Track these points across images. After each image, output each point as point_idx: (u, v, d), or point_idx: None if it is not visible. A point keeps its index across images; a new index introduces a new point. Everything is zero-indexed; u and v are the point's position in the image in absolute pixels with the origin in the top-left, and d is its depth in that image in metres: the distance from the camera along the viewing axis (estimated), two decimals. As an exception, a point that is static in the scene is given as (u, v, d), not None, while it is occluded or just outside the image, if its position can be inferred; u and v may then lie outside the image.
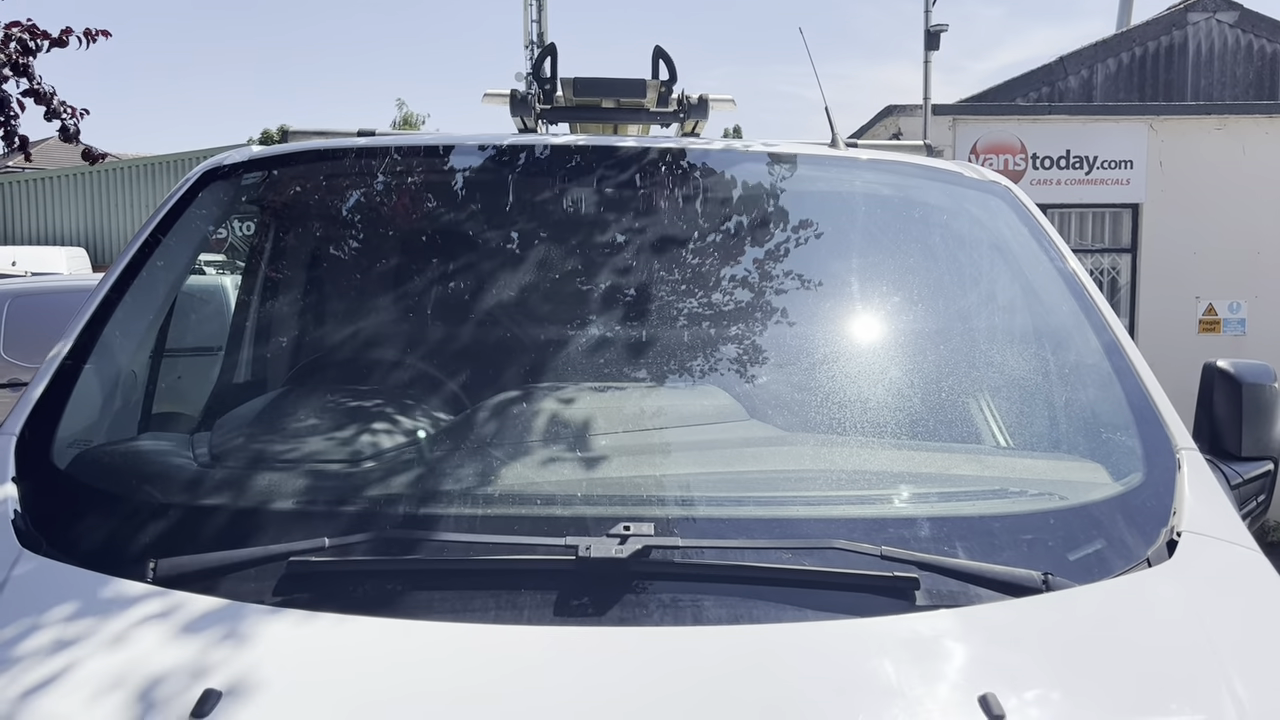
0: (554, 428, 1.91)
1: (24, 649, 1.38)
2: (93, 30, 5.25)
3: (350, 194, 2.62)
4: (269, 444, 1.92)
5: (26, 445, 1.83)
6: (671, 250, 2.39)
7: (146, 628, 1.42)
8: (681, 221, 2.47)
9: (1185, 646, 1.52)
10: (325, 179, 2.61)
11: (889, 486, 1.85)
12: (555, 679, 1.36)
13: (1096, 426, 2.08)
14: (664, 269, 2.34)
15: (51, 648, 1.38)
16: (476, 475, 1.79)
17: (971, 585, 1.55)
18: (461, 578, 1.53)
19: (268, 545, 1.55)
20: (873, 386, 2.12)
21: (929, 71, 8.70)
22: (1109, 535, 1.72)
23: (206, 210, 2.46)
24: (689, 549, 1.57)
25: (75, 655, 1.37)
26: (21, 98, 5.14)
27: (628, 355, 2.14)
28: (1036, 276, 2.37)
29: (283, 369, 2.43)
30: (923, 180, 2.63)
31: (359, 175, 2.59)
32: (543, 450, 1.85)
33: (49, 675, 1.34)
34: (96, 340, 2.07)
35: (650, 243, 2.37)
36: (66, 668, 1.35)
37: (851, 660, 1.41)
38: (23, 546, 1.59)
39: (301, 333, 2.52)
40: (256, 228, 2.75)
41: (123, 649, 1.38)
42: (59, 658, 1.36)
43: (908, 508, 1.77)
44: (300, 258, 2.66)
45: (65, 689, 1.32)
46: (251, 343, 2.70)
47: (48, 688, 1.32)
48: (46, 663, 1.36)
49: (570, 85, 3.22)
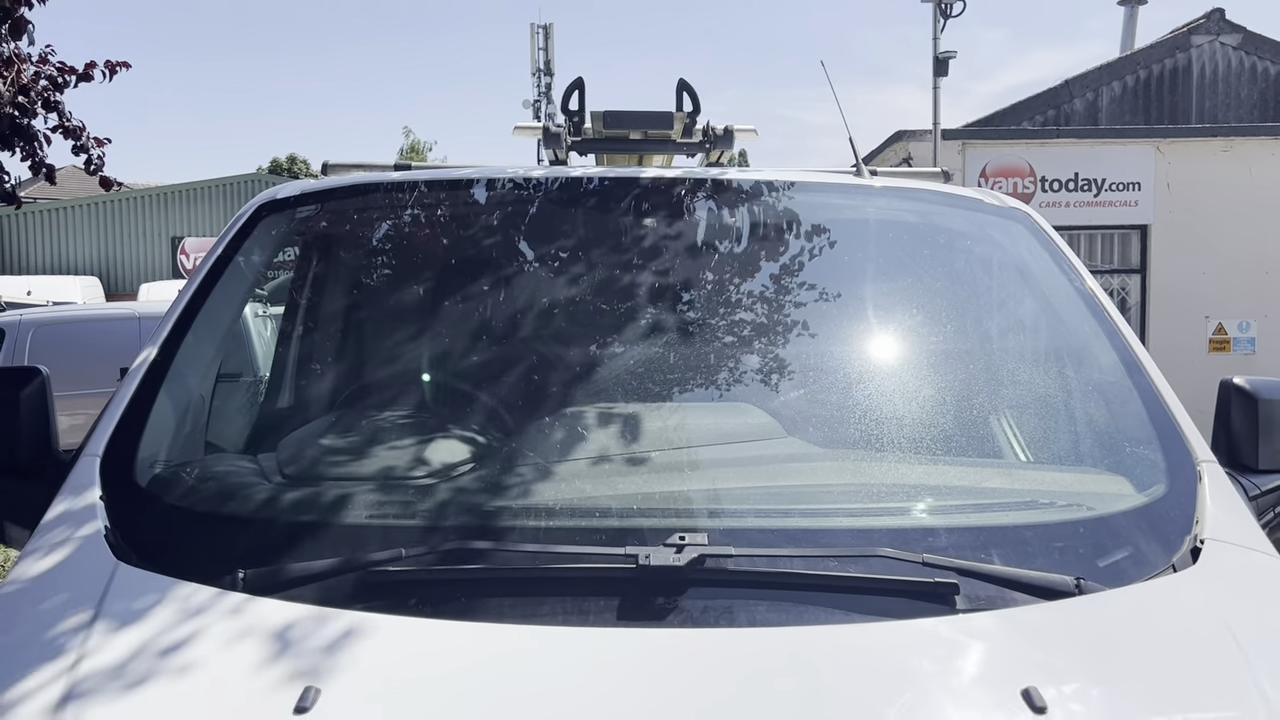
0: (606, 445, 2.02)
1: (133, 650, 1.49)
2: (114, 62, 5.42)
3: (397, 226, 2.74)
4: (337, 462, 2.03)
5: (109, 465, 1.94)
6: (709, 276, 2.51)
7: (241, 631, 1.52)
8: (718, 248, 2.58)
9: (1213, 646, 1.62)
10: (373, 211, 2.74)
11: (926, 499, 1.95)
12: (621, 677, 1.46)
13: (1120, 441, 2.18)
14: (702, 294, 2.45)
15: (158, 649, 1.49)
16: (538, 489, 1.89)
17: (1008, 590, 1.65)
18: (530, 585, 1.63)
19: (347, 556, 1.66)
20: (903, 404, 2.23)
21: (938, 97, 8.85)
22: (1135, 543, 1.82)
23: (262, 241, 2.58)
24: (741, 557, 1.67)
25: (181, 655, 1.47)
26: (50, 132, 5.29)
27: (671, 376, 2.25)
28: (1057, 298, 2.47)
29: (334, 393, 2.54)
30: (946, 207, 2.75)
31: (405, 208, 2.71)
32: (598, 466, 1.96)
33: (159, 673, 1.45)
34: (168, 366, 2.18)
35: (688, 269, 2.49)
36: (174, 667, 1.46)
37: (896, 657, 1.51)
38: (117, 559, 1.70)
39: (354, 358, 2.63)
40: (306, 258, 2.86)
41: (222, 650, 1.49)
42: (167, 658, 1.47)
43: (945, 518, 1.87)
44: (350, 287, 2.78)
45: (176, 686, 1.43)
46: (300, 368, 2.81)
47: (160, 685, 1.43)
48: (156, 662, 1.46)
49: (600, 119, 3.34)
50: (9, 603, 1.65)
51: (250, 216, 2.58)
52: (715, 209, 2.66)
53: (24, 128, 4.77)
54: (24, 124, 4.76)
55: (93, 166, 5.19)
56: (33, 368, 2.22)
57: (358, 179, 2.90)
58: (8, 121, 4.61)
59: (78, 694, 1.42)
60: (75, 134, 5.08)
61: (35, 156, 4.95)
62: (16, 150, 4.87)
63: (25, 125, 4.77)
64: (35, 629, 1.57)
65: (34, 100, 4.78)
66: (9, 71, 4.57)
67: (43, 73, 4.93)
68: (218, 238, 2.57)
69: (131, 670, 1.46)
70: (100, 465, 1.93)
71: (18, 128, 4.73)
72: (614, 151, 3.57)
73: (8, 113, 4.56)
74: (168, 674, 1.45)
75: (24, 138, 4.82)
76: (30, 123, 4.82)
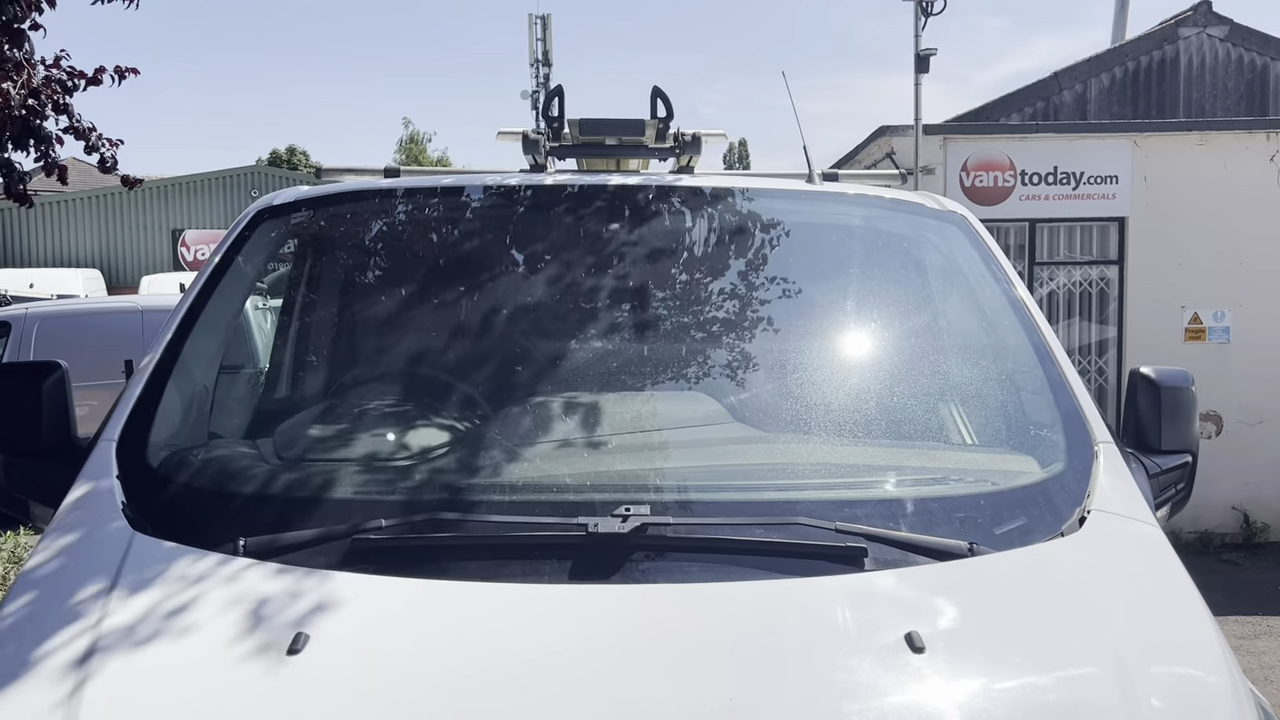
0: (566, 429, 2.28)
1: (149, 607, 1.74)
2: (122, 68, 5.63)
3: (385, 229, 2.99)
4: (327, 446, 2.29)
5: (124, 449, 2.19)
6: (665, 275, 2.75)
7: (243, 590, 1.77)
8: (677, 250, 2.83)
9: (1083, 603, 1.87)
10: (364, 216, 2.99)
11: (847, 475, 2.21)
12: (573, 625, 1.72)
13: (1028, 425, 2.43)
14: (659, 292, 2.70)
15: (171, 606, 1.74)
16: (504, 468, 2.15)
17: (910, 553, 1.90)
18: (495, 550, 1.89)
19: (335, 525, 1.91)
20: (838, 393, 2.48)
21: (919, 95, 9.04)
22: (1030, 513, 2.07)
23: (261, 244, 2.82)
24: (678, 525, 1.92)
25: (191, 610, 1.73)
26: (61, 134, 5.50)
27: (628, 367, 2.51)
28: (983, 295, 2.72)
29: (326, 384, 2.79)
30: (887, 211, 2.99)
31: (392, 213, 2.96)
32: (558, 448, 2.22)
33: (172, 626, 1.70)
34: (176, 360, 2.43)
35: (648, 271, 2.74)
36: (185, 620, 1.71)
37: (804, 607, 1.76)
38: (134, 530, 1.95)
39: (343, 352, 2.88)
40: (301, 259, 3.10)
41: (226, 605, 1.74)
42: (179, 613, 1.72)
43: (861, 492, 2.13)
44: (341, 287, 3.02)
45: (187, 636, 1.68)
46: (295, 361, 3.06)
47: (173, 635, 1.68)
48: (170, 616, 1.72)
49: (577, 125, 3.57)
50: (40, 569, 1.90)
51: (249, 221, 2.82)
52: (674, 213, 2.90)
53: (36, 129, 4.99)
54: (36, 125, 4.98)
55: (107, 166, 5.41)
56: (53, 361, 2.46)
57: (350, 186, 3.15)
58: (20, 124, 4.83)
59: (101, 646, 1.67)
60: (85, 135, 5.30)
61: (48, 158, 5.16)
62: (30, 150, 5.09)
63: (37, 127, 4.99)
64: (63, 591, 1.82)
65: (44, 103, 5.00)
66: (19, 75, 4.80)
67: (53, 77, 5.15)
68: (219, 241, 2.82)
69: (148, 624, 1.71)
70: (116, 449, 2.18)
71: (30, 129, 4.95)
72: (590, 155, 3.79)
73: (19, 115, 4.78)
74: (179, 626, 1.70)
75: (36, 139, 5.04)
76: (42, 124, 5.03)
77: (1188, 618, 1.87)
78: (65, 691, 1.58)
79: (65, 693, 1.58)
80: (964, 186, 9.05)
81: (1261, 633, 6.73)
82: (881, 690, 1.59)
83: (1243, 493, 9.02)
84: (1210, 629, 1.85)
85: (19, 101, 4.65)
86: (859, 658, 1.64)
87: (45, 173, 5.34)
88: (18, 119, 4.69)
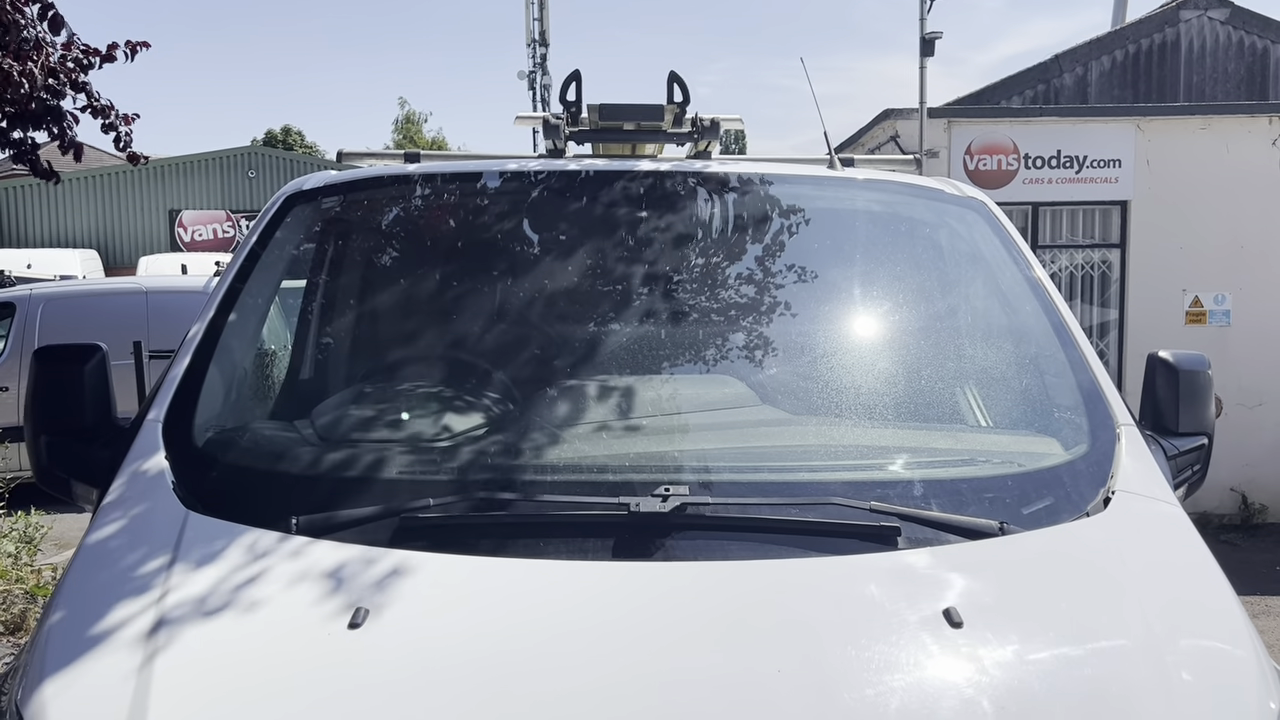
0: (603, 411, 2.33)
1: (210, 584, 1.80)
2: (134, 43, 5.64)
3: (415, 214, 3.03)
4: (369, 427, 2.34)
5: (170, 429, 2.24)
6: (694, 260, 2.80)
7: (299, 567, 1.83)
8: (705, 235, 2.88)
9: (1111, 579, 1.93)
10: (393, 201, 3.03)
11: (878, 457, 2.26)
12: (616, 600, 1.77)
13: (1052, 408, 2.49)
14: (687, 277, 2.75)
15: (231, 582, 1.79)
16: (546, 450, 2.20)
17: (942, 532, 1.96)
18: (539, 529, 1.94)
19: (385, 505, 1.96)
20: (864, 376, 2.53)
21: (924, 78, 9.06)
22: (1056, 494, 2.13)
23: (292, 229, 2.86)
24: (716, 505, 1.98)
25: (251, 586, 1.78)
26: (78, 112, 5.51)
27: (659, 351, 2.56)
28: (1005, 280, 2.77)
29: (361, 366, 2.84)
30: (909, 197, 3.04)
31: (421, 198, 3.00)
32: (596, 430, 2.27)
33: (235, 601, 1.75)
34: (216, 342, 2.47)
35: (676, 254, 2.78)
36: (246, 596, 1.76)
37: (841, 583, 1.82)
38: (186, 509, 2.00)
39: (377, 335, 2.92)
40: (330, 243, 3.14)
41: (285, 581, 1.79)
42: (239, 588, 1.78)
43: (892, 473, 2.19)
44: (374, 271, 3.07)
45: (250, 611, 1.73)
46: (329, 345, 3.10)
47: (236, 610, 1.74)
48: (231, 591, 1.77)
49: (596, 110, 3.60)
50: (99, 545, 1.95)
51: (281, 205, 2.86)
52: (699, 199, 2.95)
53: (55, 108, 5.01)
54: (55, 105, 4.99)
55: (122, 144, 5.43)
56: (94, 344, 2.49)
57: (378, 171, 3.19)
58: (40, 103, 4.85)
59: (168, 620, 1.72)
60: (104, 113, 5.31)
61: (66, 136, 5.18)
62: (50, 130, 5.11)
63: (56, 106, 5.01)
64: (124, 566, 1.87)
65: (62, 82, 5.01)
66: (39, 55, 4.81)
67: (69, 55, 5.16)
68: (251, 226, 2.86)
69: (210, 600, 1.76)
70: (163, 429, 2.23)
71: (48, 109, 4.97)
72: (608, 140, 3.83)
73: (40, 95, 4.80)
74: (241, 601, 1.75)
75: (55, 119, 5.06)
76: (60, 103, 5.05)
77: (1213, 594, 1.93)
78: (136, 662, 1.64)
79: (136, 663, 1.63)
80: (968, 170, 9.09)
81: (1260, 612, 6.83)
82: (924, 663, 1.65)
83: (1242, 474, 9.11)
84: (1234, 605, 1.91)
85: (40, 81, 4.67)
86: (900, 632, 1.70)
87: (62, 151, 5.35)
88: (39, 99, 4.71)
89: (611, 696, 1.57)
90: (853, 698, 1.58)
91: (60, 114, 5.31)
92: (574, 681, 1.59)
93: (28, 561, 6.48)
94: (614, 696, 1.57)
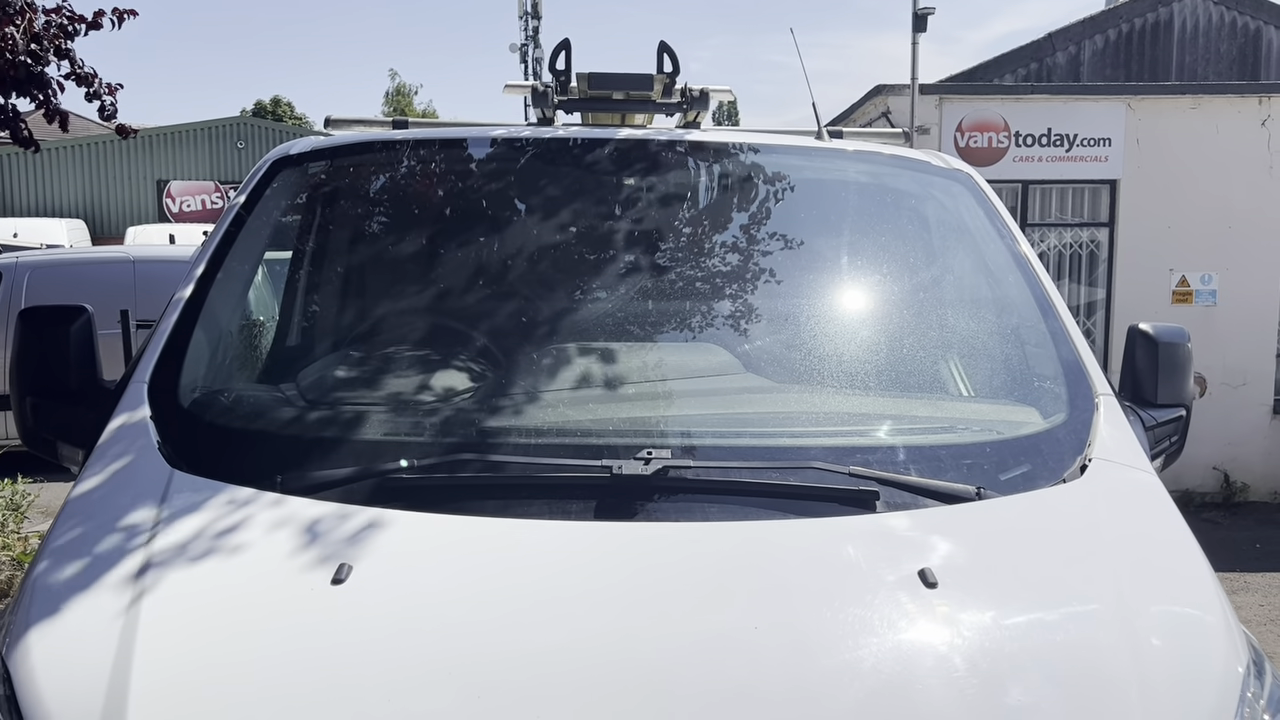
0: (587, 375, 2.35)
1: (195, 534, 1.81)
2: (121, 10, 5.59)
3: (402, 180, 3.03)
4: (355, 388, 2.35)
5: (155, 390, 2.24)
6: (681, 229, 2.81)
7: (283, 523, 1.84)
8: (692, 204, 2.88)
9: (1085, 544, 1.96)
10: (380, 166, 3.02)
11: (859, 423, 2.29)
12: (597, 559, 1.80)
13: (1032, 378, 2.51)
14: (674, 246, 2.76)
15: (217, 535, 1.81)
16: (529, 412, 2.22)
17: (920, 496, 1.99)
18: (522, 490, 1.96)
19: (369, 464, 1.98)
20: (846, 345, 2.55)
21: (916, 54, 9.03)
22: (1034, 461, 2.16)
23: (277, 193, 2.86)
24: (698, 468, 2.00)
25: (236, 539, 1.80)
26: (63, 80, 5.46)
27: (644, 318, 2.57)
28: (989, 252, 2.79)
29: (348, 331, 2.84)
30: (895, 169, 3.05)
31: (409, 163, 3.00)
32: (580, 393, 2.28)
33: (220, 552, 1.77)
34: (201, 306, 2.48)
35: (663, 223, 2.79)
36: (232, 548, 1.78)
37: (824, 545, 1.85)
38: (171, 468, 2.01)
39: (363, 300, 2.93)
40: (317, 208, 3.13)
41: (269, 536, 1.81)
42: (225, 541, 1.79)
43: (872, 439, 2.21)
44: (361, 236, 3.06)
45: (236, 562, 1.75)
46: (314, 309, 3.10)
47: (222, 561, 1.75)
48: (216, 544, 1.79)
49: (585, 79, 3.59)
50: (85, 498, 1.97)
51: (267, 170, 2.85)
52: (689, 168, 2.95)
53: (38, 75, 4.96)
54: (38, 72, 4.95)
55: (106, 113, 5.39)
56: (80, 306, 2.49)
57: (365, 136, 3.18)
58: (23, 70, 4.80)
59: (153, 570, 1.74)
60: (88, 81, 5.27)
61: (50, 104, 5.13)
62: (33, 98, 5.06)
63: (40, 73, 4.96)
64: (108, 523, 1.88)
65: (46, 49, 4.96)
66: (21, 20, 4.76)
67: (54, 21, 5.11)
68: (238, 190, 2.85)
69: (194, 554, 1.78)
70: (148, 390, 2.24)
71: (32, 76, 4.92)
72: (598, 110, 3.82)
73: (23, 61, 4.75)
74: (227, 553, 1.77)
75: (38, 86, 5.01)
76: (44, 70, 5.00)
77: (1184, 561, 1.96)
78: (121, 607, 1.66)
79: (121, 608, 1.66)
80: (959, 147, 9.09)
81: (1240, 588, 6.91)
82: (898, 622, 1.67)
83: (1224, 453, 9.19)
84: (1205, 571, 1.94)
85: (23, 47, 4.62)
86: (875, 592, 1.73)
87: (47, 120, 5.31)
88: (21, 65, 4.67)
89: (589, 652, 1.59)
90: (828, 654, 1.61)
91: (44, 81, 5.26)
92: (552, 637, 1.62)
93: (15, 529, 6.49)
94: (591, 652, 1.59)
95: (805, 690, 1.55)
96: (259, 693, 1.53)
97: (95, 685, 1.54)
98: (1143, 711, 1.59)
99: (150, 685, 1.53)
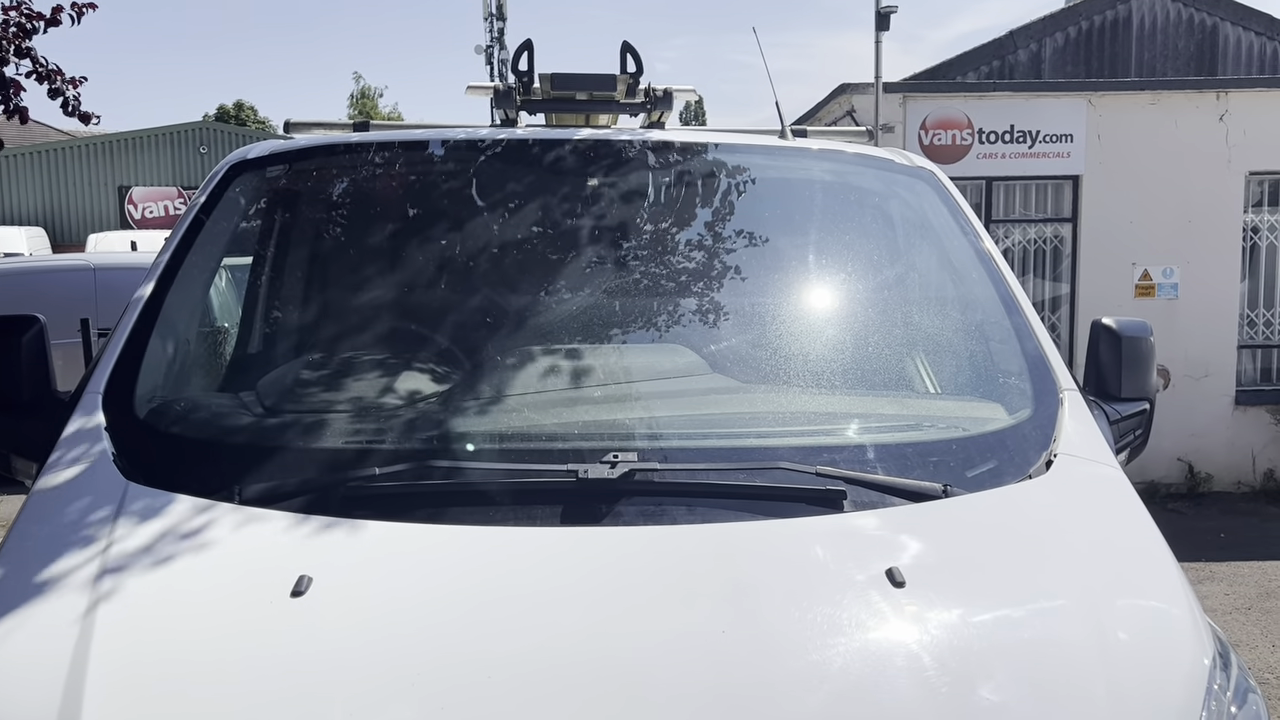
0: (552, 379, 2.32)
1: (151, 553, 1.77)
2: (80, 4, 5.48)
3: (362, 183, 2.99)
4: (315, 396, 2.31)
5: (110, 401, 2.19)
6: (644, 230, 2.79)
7: (242, 535, 1.81)
8: (655, 204, 2.87)
9: (1051, 540, 1.96)
10: (340, 170, 2.98)
11: (825, 423, 2.28)
12: (565, 566, 1.77)
13: (997, 373, 2.52)
14: (637, 246, 2.74)
15: (174, 548, 1.77)
16: (493, 417, 2.19)
17: (887, 495, 1.98)
18: (487, 496, 1.93)
19: (330, 473, 1.94)
20: (813, 344, 2.55)
21: (880, 52, 9.08)
22: (1000, 457, 2.16)
23: (235, 198, 2.81)
24: (665, 471, 1.98)
25: (194, 552, 1.76)
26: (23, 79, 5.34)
27: (609, 320, 2.55)
28: (953, 249, 2.79)
29: (308, 338, 2.80)
30: (859, 167, 3.05)
31: (369, 166, 2.96)
32: (545, 397, 2.26)
33: (176, 571, 1.73)
34: (157, 314, 2.43)
35: (627, 224, 2.77)
36: (189, 561, 1.74)
37: (791, 546, 1.84)
38: (127, 480, 1.97)
39: (325, 306, 2.88)
40: (277, 213, 3.08)
41: (228, 548, 1.77)
42: (181, 559, 1.75)
43: (838, 438, 2.20)
44: (322, 241, 3.02)
45: (191, 581, 1.71)
46: (273, 315, 3.06)
47: (177, 581, 1.71)
48: (172, 563, 1.74)
49: (548, 80, 3.57)
50: (37, 509, 1.92)
51: (224, 176, 2.81)
52: (651, 168, 2.93)
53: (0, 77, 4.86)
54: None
55: (70, 108, 5.28)
56: (32, 316, 2.44)
57: (326, 139, 3.14)
58: None
59: (110, 576, 1.70)
60: (50, 77, 5.16)
61: (10, 103, 5.02)
62: None
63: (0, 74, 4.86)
64: (61, 538, 1.84)
65: (6, 48, 4.86)
66: None
67: (11, 20, 5.00)
68: (194, 195, 2.80)
69: (150, 564, 1.74)
70: (103, 400, 2.19)
71: None
72: (561, 110, 3.80)
73: None
74: (184, 567, 1.73)
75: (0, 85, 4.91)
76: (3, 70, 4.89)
77: (1149, 555, 1.97)
78: (77, 614, 1.62)
79: (77, 615, 1.62)
80: (923, 144, 9.15)
81: (1205, 578, 7.00)
82: (866, 622, 1.67)
83: (1188, 444, 9.30)
84: (1170, 565, 1.95)
85: None
86: (843, 592, 1.72)
87: (6, 117, 5.20)
88: None
89: (553, 658, 1.57)
90: (796, 656, 1.59)
91: (3, 81, 5.15)
92: (519, 644, 1.59)
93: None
94: (556, 658, 1.57)
95: (773, 692, 1.54)
96: (215, 706, 1.49)
97: (50, 694, 1.50)
98: (1110, 706, 1.59)
99: (104, 693, 1.49)
